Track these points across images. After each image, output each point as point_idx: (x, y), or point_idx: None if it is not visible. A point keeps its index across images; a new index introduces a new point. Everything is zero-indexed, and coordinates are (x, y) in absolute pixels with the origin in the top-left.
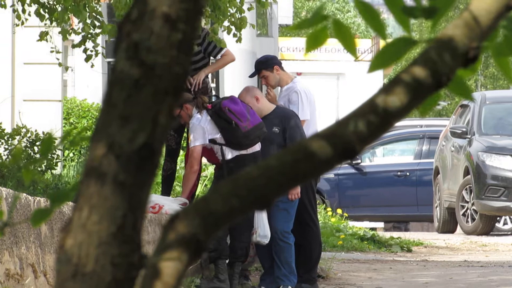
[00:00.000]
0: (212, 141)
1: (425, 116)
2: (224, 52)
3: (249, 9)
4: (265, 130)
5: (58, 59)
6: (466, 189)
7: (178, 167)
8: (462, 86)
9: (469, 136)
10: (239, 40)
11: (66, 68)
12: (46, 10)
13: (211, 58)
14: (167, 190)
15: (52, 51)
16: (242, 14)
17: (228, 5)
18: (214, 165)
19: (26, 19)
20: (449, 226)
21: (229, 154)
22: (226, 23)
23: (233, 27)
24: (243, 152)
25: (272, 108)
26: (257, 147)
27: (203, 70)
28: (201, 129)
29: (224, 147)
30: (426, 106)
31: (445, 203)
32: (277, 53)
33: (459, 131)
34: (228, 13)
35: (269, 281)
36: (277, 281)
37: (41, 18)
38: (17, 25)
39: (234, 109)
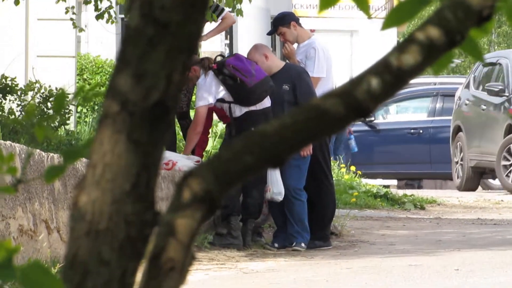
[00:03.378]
0: (221, 100)
1: (439, 74)
2: (224, 15)
3: None
4: (272, 84)
5: (73, 19)
6: (509, 148)
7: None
8: (474, 46)
9: (507, 94)
10: (239, 12)
11: (80, 30)
12: None
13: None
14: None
15: (67, 12)
16: None
17: None
18: (225, 124)
19: None
20: (472, 184)
21: (238, 111)
22: None
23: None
24: (253, 108)
25: (282, 65)
26: (267, 102)
27: (205, 35)
28: (207, 90)
29: (232, 105)
30: (440, 65)
31: (471, 162)
32: (291, 10)
33: (496, 89)
34: None
35: (282, 238)
36: (290, 238)
37: None
38: None
39: (238, 65)
